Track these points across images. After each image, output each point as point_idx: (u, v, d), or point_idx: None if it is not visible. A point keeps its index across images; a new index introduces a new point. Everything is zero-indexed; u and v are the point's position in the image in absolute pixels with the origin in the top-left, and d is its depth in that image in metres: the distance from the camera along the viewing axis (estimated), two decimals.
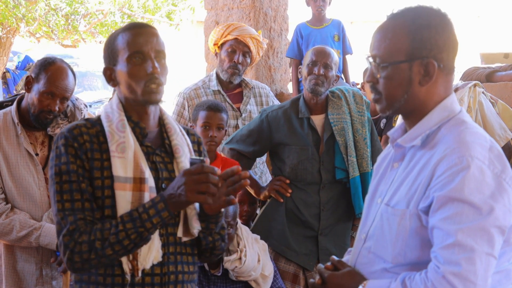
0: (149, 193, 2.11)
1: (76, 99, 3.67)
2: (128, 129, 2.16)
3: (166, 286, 2.15)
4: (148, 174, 2.13)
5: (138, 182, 2.11)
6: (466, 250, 1.70)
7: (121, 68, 2.17)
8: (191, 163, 2.11)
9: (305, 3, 5.82)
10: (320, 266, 2.03)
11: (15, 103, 3.15)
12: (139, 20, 12.25)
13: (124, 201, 2.09)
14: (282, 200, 3.67)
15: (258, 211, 3.94)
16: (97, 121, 2.20)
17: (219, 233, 2.29)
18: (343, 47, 5.73)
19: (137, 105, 2.19)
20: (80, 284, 2.18)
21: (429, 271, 1.74)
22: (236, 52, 4.18)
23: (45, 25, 11.78)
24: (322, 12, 5.72)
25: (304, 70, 3.67)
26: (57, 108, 3.03)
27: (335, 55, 3.71)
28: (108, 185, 2.11)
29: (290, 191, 3.65)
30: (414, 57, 1.86)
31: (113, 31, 2.25)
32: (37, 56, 12.30)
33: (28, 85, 3.06)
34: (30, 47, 15.23)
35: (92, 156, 2.12)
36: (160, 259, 2.13)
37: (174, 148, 2.23)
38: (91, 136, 2.15)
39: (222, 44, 4.23)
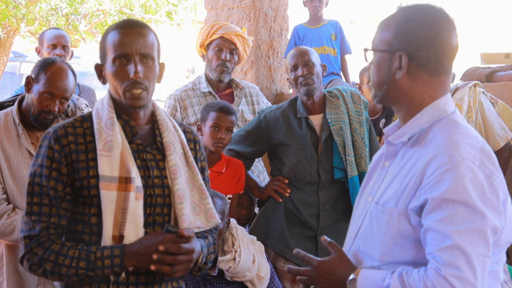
0: (134, 193, 2.09)
1: (77, 99, 3.67)
2: (117, 127, 2.13)
3: (151, 285, 2.14)
4: (135, 174, 2.10)
5: (124, 181, 2.08)
6: (465, 253, 1.71)
7: (108, 67, 2.15)
8: (168, 231, 2.08)
9: (302, 4, 5.84)
10: (306, 254, 1.98)
11: (16, 103, 3.15)
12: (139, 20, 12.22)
13: (108, 201, 2.08)
14: (281, 200, 3.68)
15: (257, 212, 3.94)
16: (89, 117, 2.19)
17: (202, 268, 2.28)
18: (341, 46, 5.73)
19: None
20: None
21: (429, 270, 1.75)
22: (223, 50, 4.17)
23: (46, 25, 11.75)
24: (318, 12, 5.73)
25: (291, 78, 3.67)
26: (56, 109, 3.02)
27: (312, 50, 3.72)
28: (94, 184, 2.10)
29: (289, 191, 3.66)
30: (394, 49, 1.89)
31: (108, 27, 2.22)
32: (37, 56, 12.28)
33: (28, 85, 3.06)
34: (30, 47, 15.21)
35: (77, 158, 2.11)
36: None
37: (165, 146, 2.19)
38: (76, 136, 2.13)
39: (208, 45, 4.22)
